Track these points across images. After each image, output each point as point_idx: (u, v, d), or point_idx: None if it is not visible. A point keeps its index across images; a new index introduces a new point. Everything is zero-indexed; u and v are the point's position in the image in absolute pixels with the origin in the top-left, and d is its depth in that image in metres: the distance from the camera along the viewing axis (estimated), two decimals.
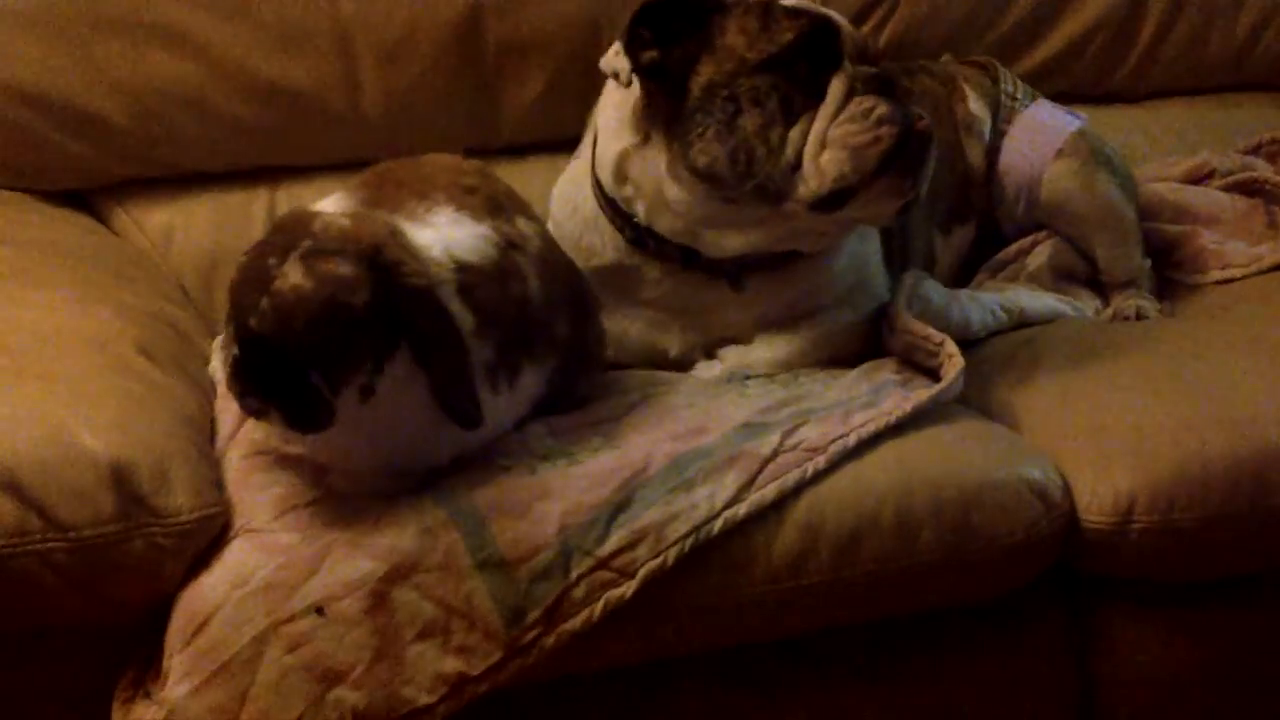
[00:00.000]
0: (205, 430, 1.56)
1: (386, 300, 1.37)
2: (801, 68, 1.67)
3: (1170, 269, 2.20)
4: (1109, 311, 2.10)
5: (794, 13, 1.70)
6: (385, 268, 1.38)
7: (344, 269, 1.36)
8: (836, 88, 1.66)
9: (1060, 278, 2.13)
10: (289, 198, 2.11)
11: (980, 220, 2.19)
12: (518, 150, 2.18)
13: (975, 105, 2.19)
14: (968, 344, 1.91)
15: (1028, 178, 2.14)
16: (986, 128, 2.18)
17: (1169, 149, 2.42)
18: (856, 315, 1.85)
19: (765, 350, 1.80)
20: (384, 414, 1.41)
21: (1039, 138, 2.15)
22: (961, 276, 2.18)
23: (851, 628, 1.58)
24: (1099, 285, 2.16)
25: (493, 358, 1.47)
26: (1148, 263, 2.16)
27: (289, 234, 1.40)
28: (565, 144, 2.01)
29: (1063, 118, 2.19)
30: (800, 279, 1.81)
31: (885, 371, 1.76)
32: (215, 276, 2.06)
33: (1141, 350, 1.84)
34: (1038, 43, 2.42)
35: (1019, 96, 2.21)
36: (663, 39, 1.69)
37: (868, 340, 1.84)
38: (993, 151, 2.17)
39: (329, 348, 1.35)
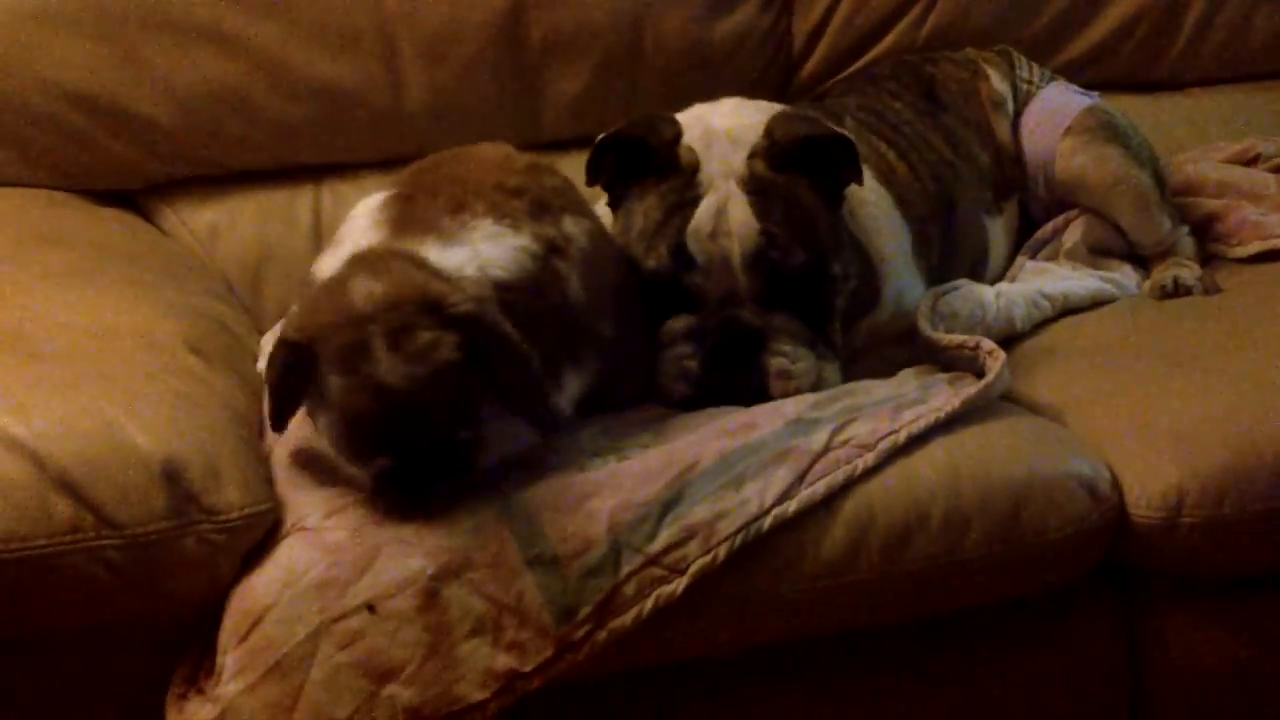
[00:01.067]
0: (255, 427, 1.57)
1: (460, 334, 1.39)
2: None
3: (1211, 241, 2.21)
4: (1149, 283, 2.09)
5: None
6: (437, 307, 1.39)
7: (427, 335, 1.38)
8: (673, 326, 1.69)
9: (1097, 253, 2.15)
10: (333, 195, 2.13)
11: (1021, 193, 2.21)
12: (561, 145, 2.18)
13: (999, 84, 2.23)
14: (1013, 339, 1.92)
15: (1043, 157, 2.19)
16: (1010, 105, 2.23)
17: (1214, 137, 2.41)
18: (905, 350, 1.84)
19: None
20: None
21: (1051, 118, 2.20)
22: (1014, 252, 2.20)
23: (901, 623, 1.57)
24: (1139, 259, 2.16)
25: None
26: (1184, 229, 2.18)
27: (339, 323, 1.39)
28: None
29: (1074, 97, 2.23)
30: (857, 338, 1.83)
31: (934, 372, 1.76)
32: (262, 274, 2.08)
33: (1189, 338, 1.84)
34: (1080, 32, 2.41)
35: (1035, 80, 2.26)
36: (621, 171, 1.73)
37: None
38: (1014, 131, 2.21)
39: (461, 403, 1.40)
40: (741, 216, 1.67)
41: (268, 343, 1.80)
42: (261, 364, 1.74)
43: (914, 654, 1.59)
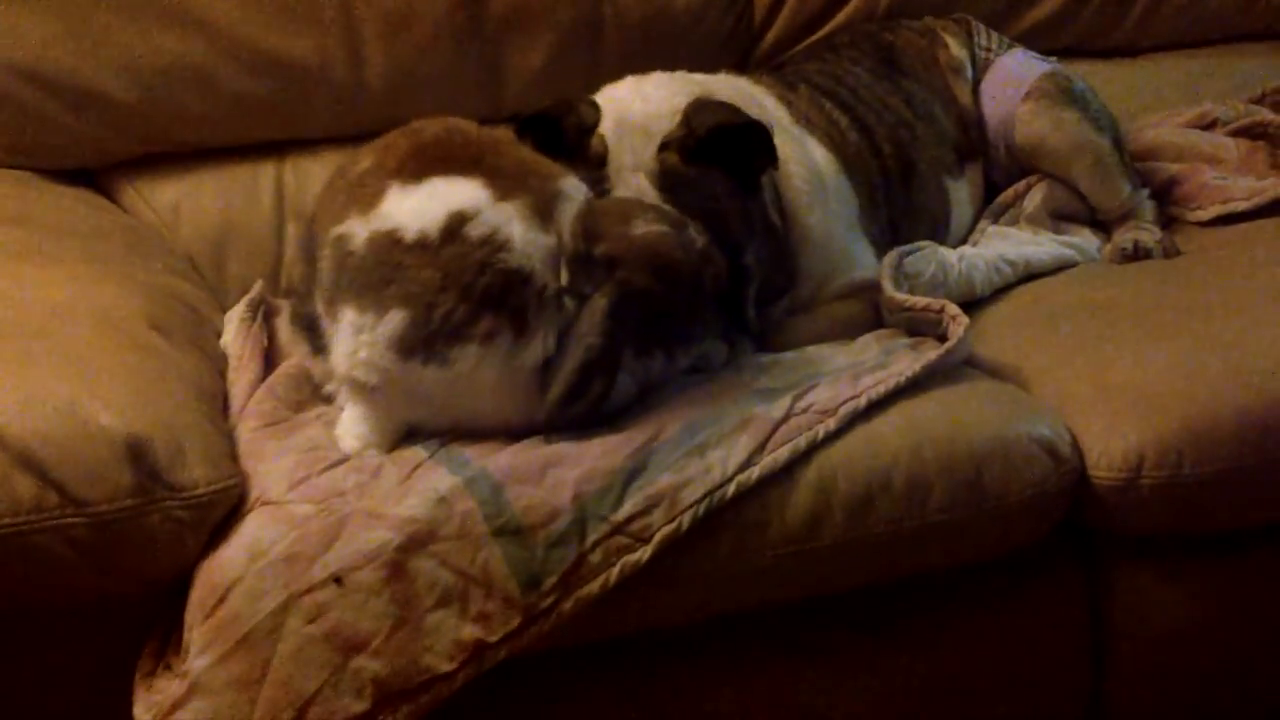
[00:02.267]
0: (219, 403, 1.58)
1: None
2: None
3: (1172, 205, 2.23)
4: (1109, 247, 2.11)
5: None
6: None
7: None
8: None
9: (1058, 218, 2.17)
10: (295, 171, 2.12)
11: (983, 158, 2.23)
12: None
13: (957, 50, 2.25)
14: (975, 304, 1.93)
15: (1003, 123, 2.20)
16: (969, 71, 2.24)
17: (1173, 102, 2.42)
18: (855, 305, 1.87)
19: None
20: None
21: (1010, 83, 2.21)
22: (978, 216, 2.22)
23: (866, 587, 1.58)
24: (1100, 223, 2.18)
25: None
26: (1144, 193, 2.20)
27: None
28: None
29: (1033, 63, 2.25)
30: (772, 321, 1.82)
31: (897, 337, 1.78)
32: (225, 251, 2.07)
33: (1148, 301, 1.86)
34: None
35: (993, 47, 2.27)
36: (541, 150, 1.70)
37: (875, 324, 1.85)
38: (975, 97, 2.23)
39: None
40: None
41: (231, 319, 1.80)
42: (225, 339, 1.74)
43: (879, 618, 1.60)
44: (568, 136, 1.72)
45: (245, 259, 2.06)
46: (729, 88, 1.89)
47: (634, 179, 1.69)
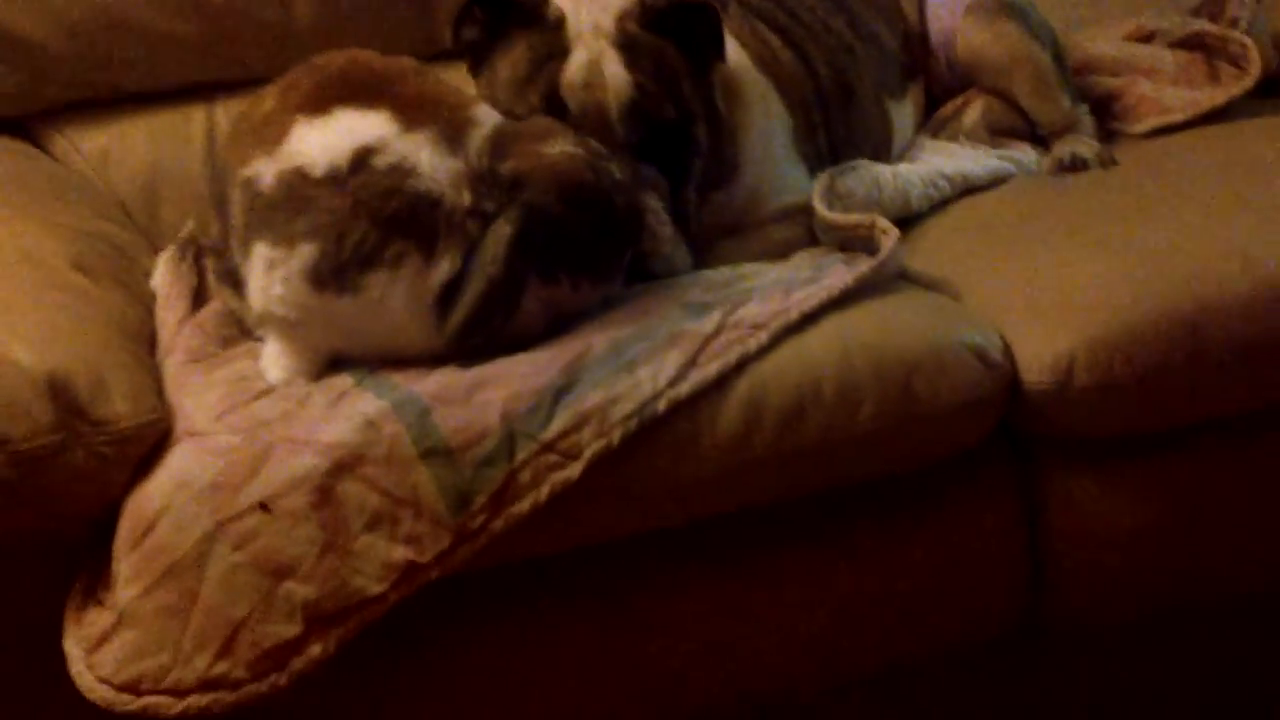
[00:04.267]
0: (145, 341, 1.57)
1: None
2: None
3: (1111, 119, 2.22)
4: (1047, 160, 2.11)
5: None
6: None
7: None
8: None
9: (997, 132, 2.16)
10: (226, 113, 2.10)
11: (925, 75, 2.22)
12: (456, 55, 2.16)
13: None
14: (912, 219, 1.93)
15: (945, 37, 2.20)
16: None
17: (1112, 15, 2.42)
18: (789, 230, 1.86)
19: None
20: None
21: None
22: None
23: (803, 499, 1.59)
24: (1039, 138, 2.18)
25: None
26: (1083, 108, 2.19)
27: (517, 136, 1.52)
28: None
29: None
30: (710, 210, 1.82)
31: (830, 253, 1.77)
32: (156, 195, 2.06)
33: (1082, 210, 1.86)
34: None
35: None
36: (490, 25, 1.72)
37: (811, 247, 1.84)
38: (920, 12, 2.22)
39: None
40: (615, 69, 1.68)
41: (162, 261, 1.78)
42: (154, 280, 1.73)
43: (814, 528, 1.60)
44: (522, 6, 1.72)
45: (178, 203, 2.04)
46: None
47: (595, 41, 1.69)
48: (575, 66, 1.68)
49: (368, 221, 1.46)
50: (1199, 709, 1.86)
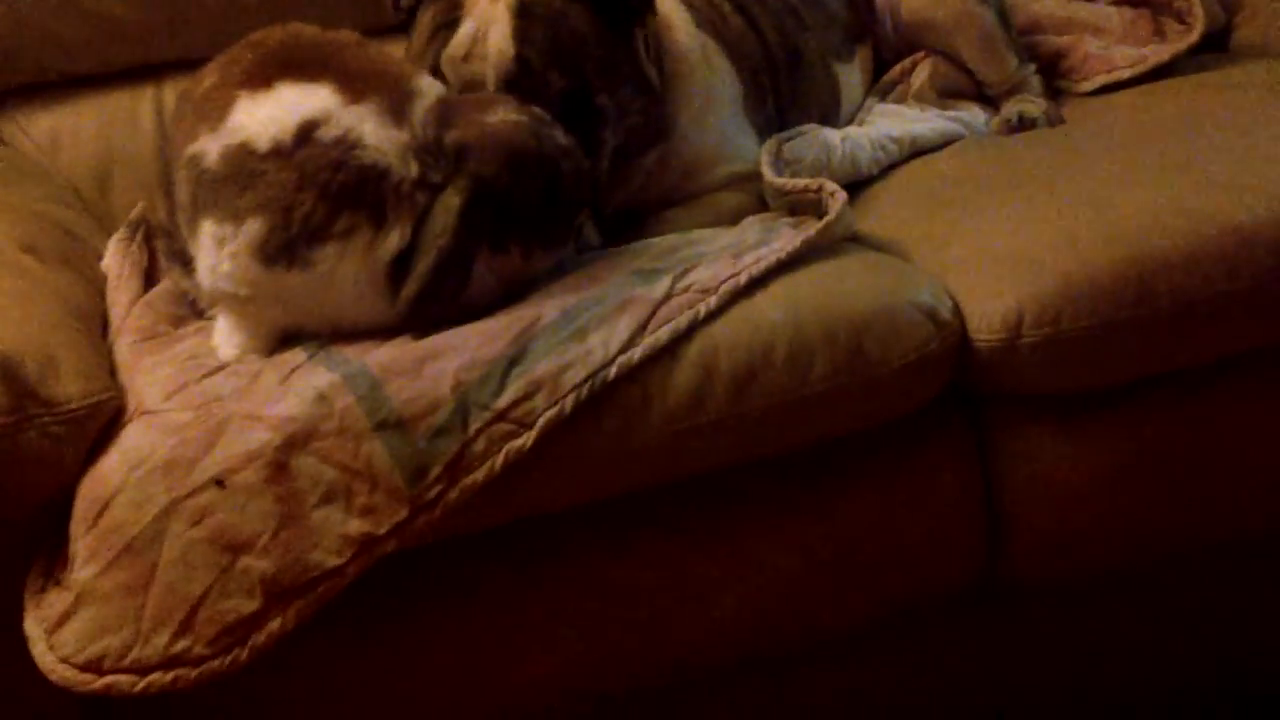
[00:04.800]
0: (95, 322, 1.57)
1: None
2: None
3: (1059, 78, 2.25)
4: (995, 120, 2.12)
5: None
6: None
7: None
8: None
9: (945, 94, 2.18)
10: (175, 94, 2.08)
11: (873, 37, 2.22)
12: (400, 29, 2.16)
13: None
14: (861, 182, 1.94)
15: (890, 1, 2.20)
16: None
17: None
18: (736, 197, 1.86)
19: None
20: None
21: None
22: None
23: (757, 463, 1.60)
24: (988, 99, 2.20)
25: None
26: (1030, 67, 2.21)
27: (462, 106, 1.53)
28: None
29: None
30: (637, 173, 1.82)
31: (780, 218, 1.78)
32: (108, 178, 2.07)
33: (1029, 168, 1.87)
34: None
35: None
36: None
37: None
38: None
39: None
40: (498, 41, 1.66)
41: (113, 242, 1.78)
42: (105, 261, 1.73)
43: (769, 493, 1.61)
44: None
45: (129, 185, 2.05)
46: None
47: (490, 9, 1.67)
48: (459, 39, 1.67)
49: (315, 195, 1.46)
50: (1159, 665, 1.88)
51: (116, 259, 1.71)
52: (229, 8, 2.09)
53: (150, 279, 1.71)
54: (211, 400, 1.44)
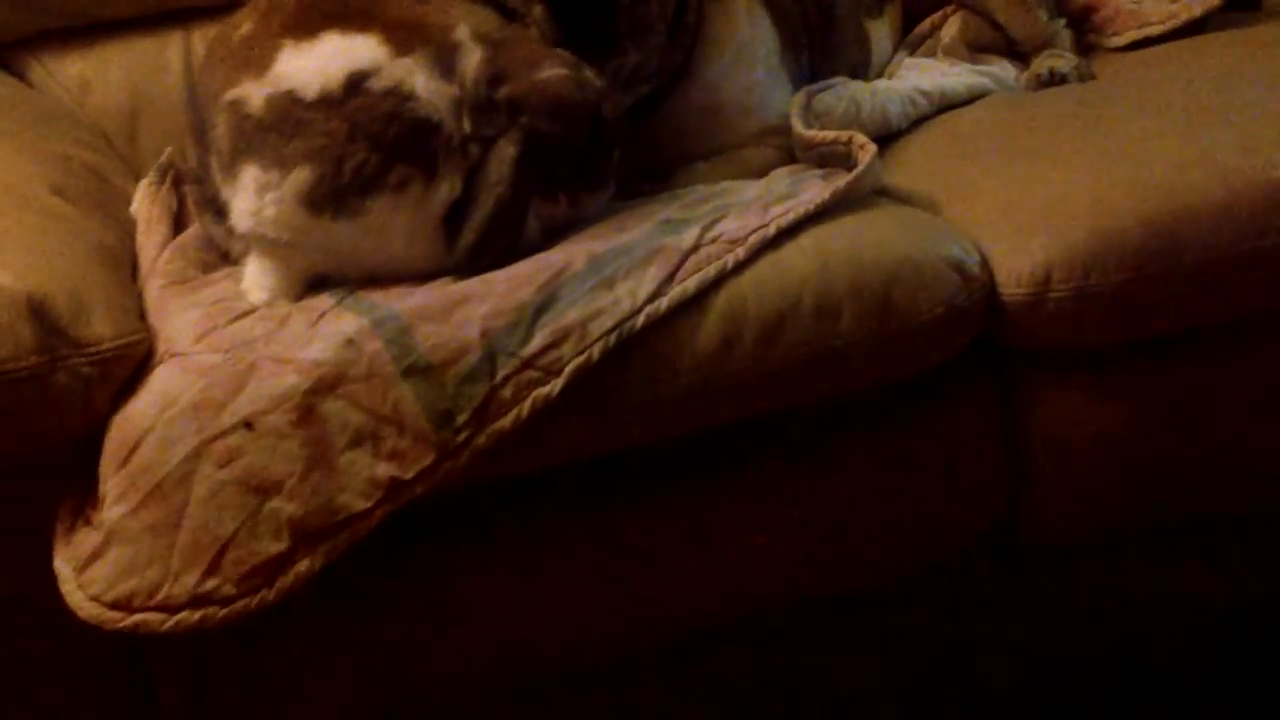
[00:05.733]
0: (125, 264, 1.57)
1: None
2: None
3: (1090, 33, 2.23)
4: (1025, 75, 2.11)
5: None
6: None
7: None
8: None
9: (975, 48, 2.17)
10: (203, 39, 2.09)
11: None
12: None
13: None
14: (890, 136, 1.93)
15: None
16: None
17: None
18: (764, 152, 1.86)
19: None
20: None
21: None
22: None
23: (784, 414, 1.60)
24: (1018, 54, 2.18)
25: None
26: (1061, 22, 2.20)
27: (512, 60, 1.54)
28: None
29: None
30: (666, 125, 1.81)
31: (808, 170, 1.78)
32: (136, 123, 2.06)
33: (1059, 123, 1.86)
34: None
35: None
36: None
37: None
38: None
39: None
40: None
41: (142, 187, 1.78)
42: (134, 206, 1.73)
43: (794, 443, 1.62)
44: None
45: (157, 130, 2.04)
46: None
47: None
48: None
49: (368, 146, 1.46)
50: (1175, 628, 1.88)
51: (145, 204, 1.71)
52: None
53: (179, 224, 1.71)
54: (240, 344, 1.44)
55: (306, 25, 1.53)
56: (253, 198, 1.50)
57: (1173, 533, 1.80)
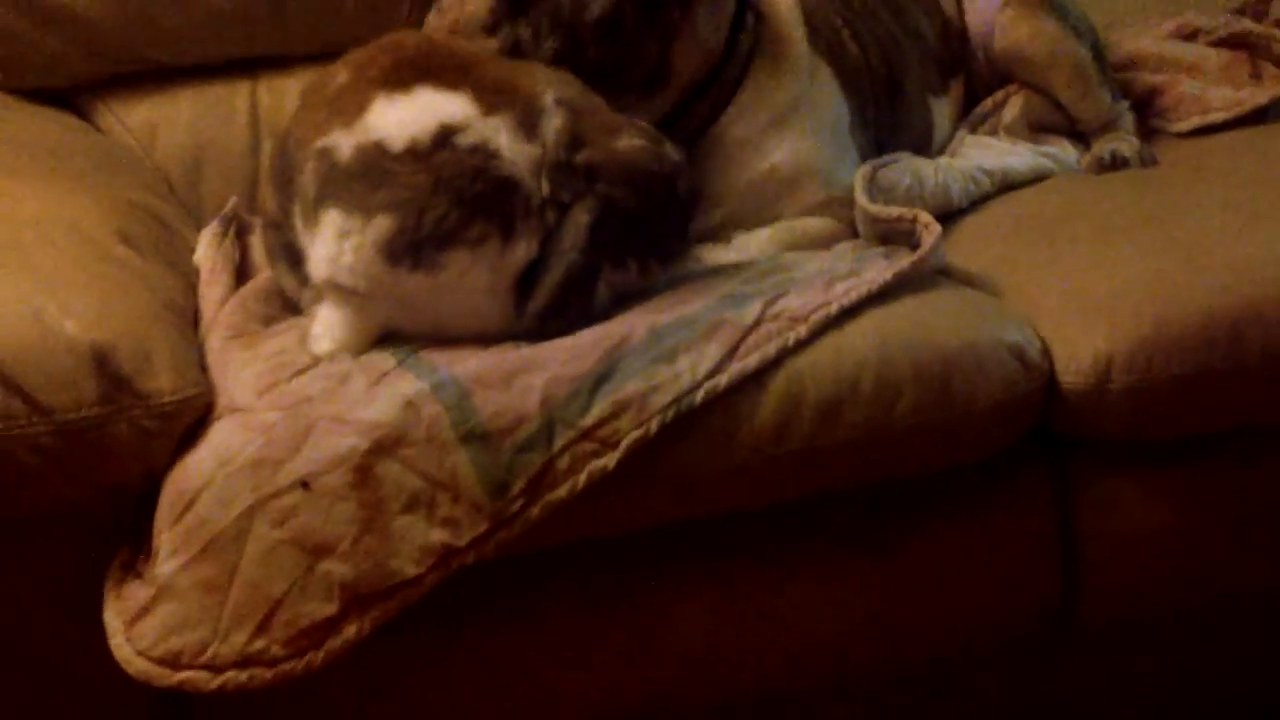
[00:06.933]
0: (188, 315, 1.58)
1: None
2: None
3: (1153, 117, 2.23)
4: (1088, 157, 2.10)
5: None
6: None
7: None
8: None
9: (1037, 128, 2.16)
10: (270, 89, 2.12)
11: (966, 71, 2.22)
12: None
13: None
14: (951, 215, 1.93)
15: (984, 31, 2.19)
16: None
17: (1156, 12, 2.41)
18: (825, 223, 1.86)
19: (739, 254, 1.79)
20: None
21: None
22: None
23: (838, 495, 1.59)
24: (1080, 134, 2.18)
25: None
26: (1124, 104, 2.19)
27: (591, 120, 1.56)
28: None
29: None
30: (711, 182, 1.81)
31: (871, 246, 1.78)
32: (200, 170, 2.07)
33: (1122, 209, 1.85)
34: None
35: None
36: None
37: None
38: (958, 6, 2.21)
39: None
40: None
41: (205, 234, 1.80)
42: (197, 255, 1.74)
43: (849, 524, 1.61)
44: None
45: (221, 177, 2.06)
46: None
47: None
48: None
49: (450, 200, 1.47)
50: (1227, 708, 1.86)
51: (209, 253, 1.72)
52: (328, 5, 2.10)
53: (241, 275, 1.72)
54: (300, 401, 1.44)
55: (400, 79, 1.55)
56: (333, 243, 1.50)
57: (1225, 612, 1.78)
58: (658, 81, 1.77)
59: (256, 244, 1.75)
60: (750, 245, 1.81)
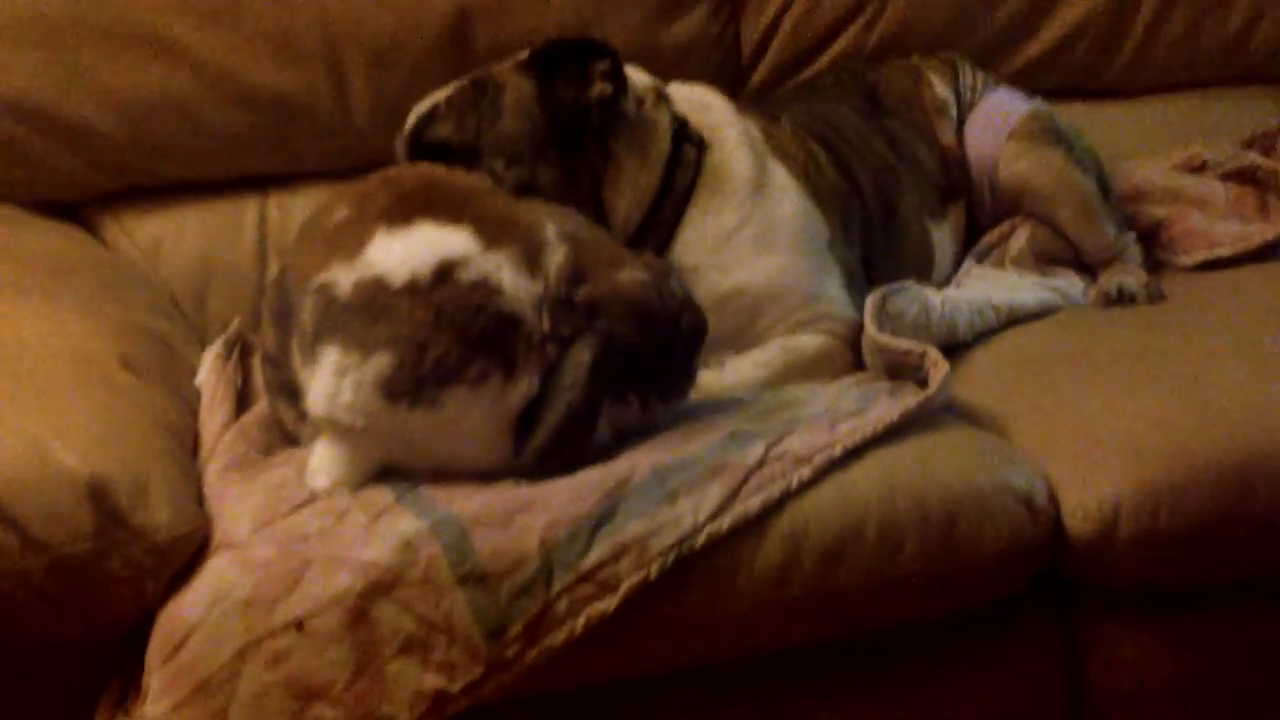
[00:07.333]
0: (187, 443, 1.57)
1: None
2: None
3: (1159, 250, 2.22)
4: (1094, 291, 2.10)
5: None
6: None
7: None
8: None
9: (1043, 259, 2.16)
10: (279, 206, 2.12)
11: (967, 198, 2.22)
12: None
13: (941, 90, 2.24)
14: (956, 347, 1.92)
15: (988, 162, 2.20)
16: (954, 110, 2.23)
17: (1163, 144, 2.40)
18: (817, 339, 1.86)
19: (734, 377, 1.80)
20: None
21: (993, 123, 2.20)
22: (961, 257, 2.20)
23: (840, 639, 1.57)
24: (1086, 266, 2.17)
25: None
26: (1130, 236, 2.19)
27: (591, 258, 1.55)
28: None
29: (1017, 102, 2.24)
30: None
31: (876, 379, 1.77)
32: (206, 287, 2.07)
33: (1130, 347, 1.85)
34: (1029, 39, 2.41)
35: (978, 87, 2.26)
36: None
37: (845, 365, 1.85)
38: (959, 136, 2.22)
39: None
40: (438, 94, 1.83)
41: (209, 355, 1.79)
42: (200, 377, 1.73)
43: (852, 671, 1.59)
44: None
45: (227, 295, 2.06)
46: (717, 101, 1.95)
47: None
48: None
49: (451, 337, 1.46)
50: None
51: (212, 377, 1.71)
52: (338, 123, 2.11)
53: (243, 400, 1.71)
54: (297, 538, 1.43)
55: (401, 213, 1.54)
56: (330, 380, 1.48)
57: None
58: (601, 220, 1.79)
59: (258, 370, 1.74)
60: (742, 367, 1.81)
